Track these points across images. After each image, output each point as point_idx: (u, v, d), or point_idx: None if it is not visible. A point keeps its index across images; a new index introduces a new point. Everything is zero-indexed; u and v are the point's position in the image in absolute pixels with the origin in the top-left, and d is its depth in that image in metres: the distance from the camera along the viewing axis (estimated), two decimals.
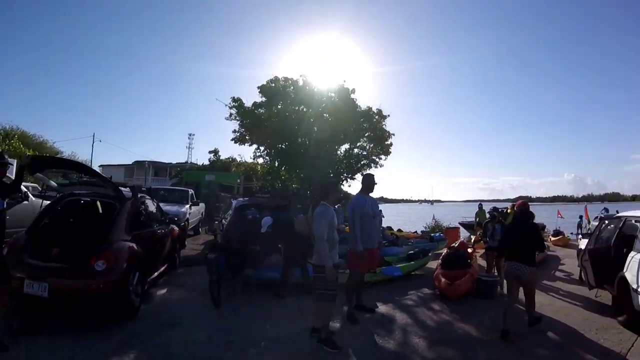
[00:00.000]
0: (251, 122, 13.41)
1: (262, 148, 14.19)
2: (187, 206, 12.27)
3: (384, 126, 14.32)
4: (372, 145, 14.69)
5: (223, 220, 11.38)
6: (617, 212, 17.91)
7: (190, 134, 60.65)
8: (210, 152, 34.30)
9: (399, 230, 16.43)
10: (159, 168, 40.97)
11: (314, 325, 4.15)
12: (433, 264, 8.04)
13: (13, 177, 4.30)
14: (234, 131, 13.78)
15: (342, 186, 15.43)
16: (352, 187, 15.23)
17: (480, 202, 16.33)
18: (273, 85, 13.84)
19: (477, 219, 14.68)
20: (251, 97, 14.16)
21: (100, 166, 36.09)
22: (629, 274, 4.57)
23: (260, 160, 16.70)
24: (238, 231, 6.73)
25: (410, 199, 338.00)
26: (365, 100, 33.20)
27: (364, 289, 5.55)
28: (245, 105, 13.57)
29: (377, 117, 14.17)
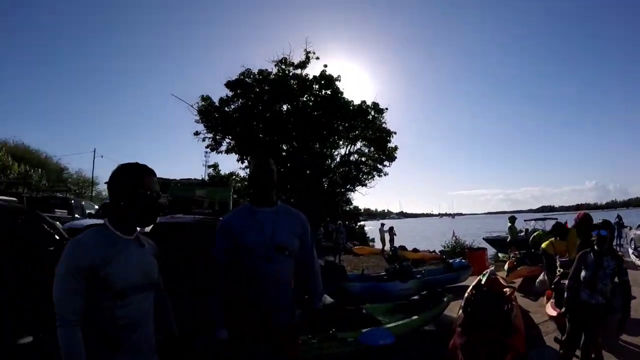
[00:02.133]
0: (217, 123, 11.32)
1: (247, 157, 11.83)
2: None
3: (383, 124, 12.05)
4: (371, 148, 12.42)
5: None
6: None
7: (206, 150, 59.62)
8: (209, 166, 32.76)
9: (415, 250, 13.84)
10: (162, 185, 40.34)
11: None
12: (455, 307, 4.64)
13: None
14: (196, 133, 11.68)
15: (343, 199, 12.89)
16: (357, 200, 12.99)
17: (512, 215, 13.33)
18: (246, 80, 11.44)
19: (511, 236, 11.97)
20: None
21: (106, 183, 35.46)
22: None
23: (242, 173, 14.76)
24: None
25: (431, 212, 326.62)
26: (353, 95, 28.82)
27: None
28: (214, 104, 11.43)
29: (373, 112, 11.84)
